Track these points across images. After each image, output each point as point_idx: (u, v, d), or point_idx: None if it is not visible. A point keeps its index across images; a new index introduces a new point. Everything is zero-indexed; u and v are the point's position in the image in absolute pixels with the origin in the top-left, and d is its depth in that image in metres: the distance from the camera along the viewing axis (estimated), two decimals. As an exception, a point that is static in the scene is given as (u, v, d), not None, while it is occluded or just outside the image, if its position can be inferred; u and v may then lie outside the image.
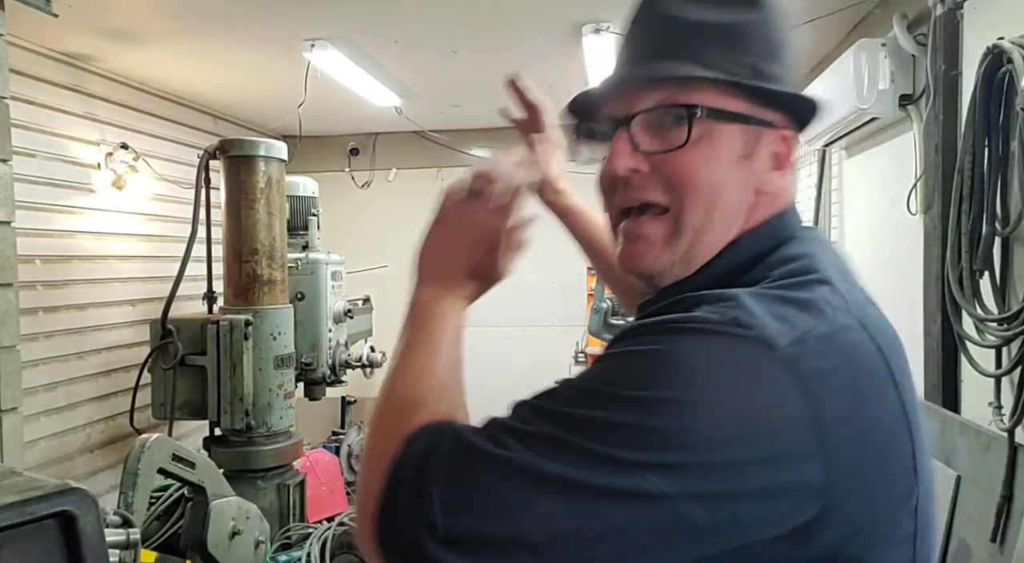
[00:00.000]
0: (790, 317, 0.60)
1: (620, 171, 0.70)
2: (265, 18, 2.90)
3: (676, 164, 0.69)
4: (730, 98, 0.70)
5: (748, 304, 0.60)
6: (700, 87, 0.69)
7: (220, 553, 1.79)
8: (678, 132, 0.68)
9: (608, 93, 0.74)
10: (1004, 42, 1.75)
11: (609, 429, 0.57)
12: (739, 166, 0.70)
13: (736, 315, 0.59)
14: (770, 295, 0.63)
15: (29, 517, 0.54)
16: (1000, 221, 1.83)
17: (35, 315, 3.02)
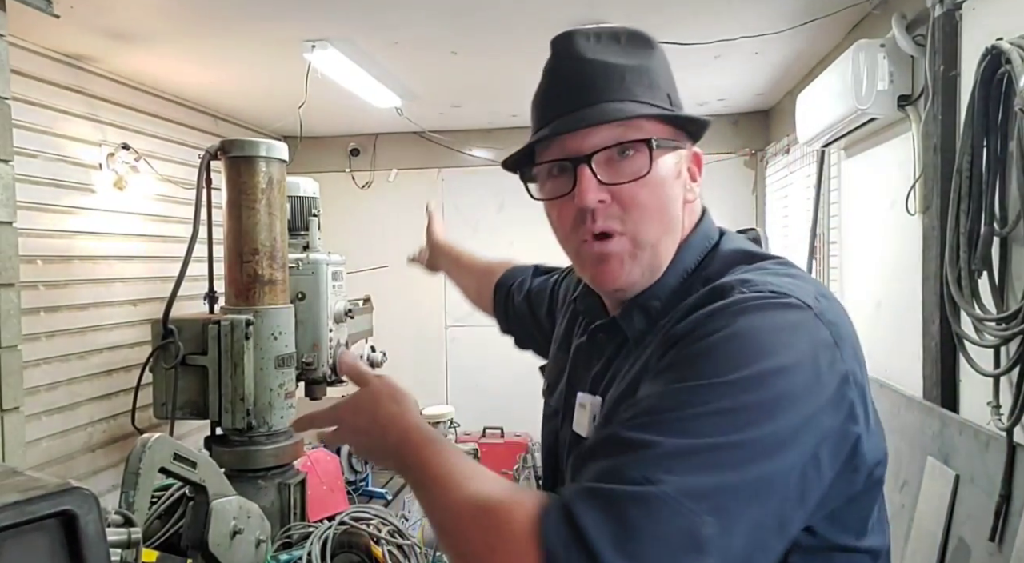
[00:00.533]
0: (797, 284, 0.74)
1: (590, 203, 0.79)
2: (266, 19, 2.90)
3: (634, 192, 0.80)
4: (663, 128, 0.82)
5: (767, 280, 0.74)
6: (643, 122, 0.81)
7: (221, 552, 1.80)
8: (631, 163, 0.80)
9: (554, 136, 0.82)
10: (1003, 43, 1.76)
11: (733, 415, 0.63)
12: (675, 184, 0.84)
13: (768, 288, 0.72)
14: (769, 271, 0.77)
15: (30, 516, 0.54)
16: (999, 221, 1.84)
17: (37, 315, 3.03)
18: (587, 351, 0.96)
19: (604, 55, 0.82)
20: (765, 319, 0.69)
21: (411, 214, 5.47)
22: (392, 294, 4.92)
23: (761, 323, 0.69)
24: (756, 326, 0.68)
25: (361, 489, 4.20)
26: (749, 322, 0.69)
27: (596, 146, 0.79)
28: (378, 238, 5.29)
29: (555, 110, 0.83)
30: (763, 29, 3.01)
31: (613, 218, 0.80)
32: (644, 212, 0.80)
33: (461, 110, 4.66)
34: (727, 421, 0.62)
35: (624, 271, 0.82)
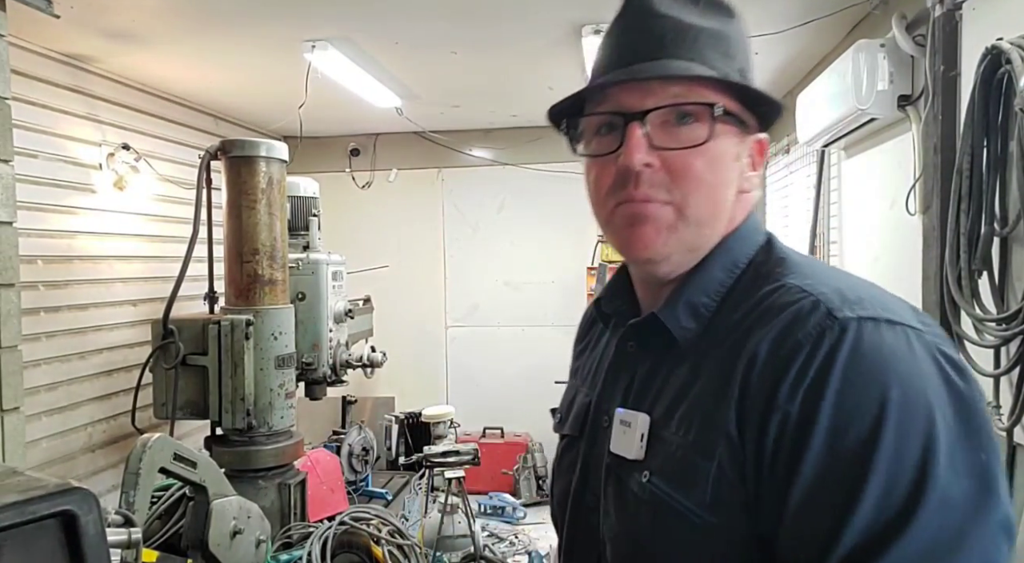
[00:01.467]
0: (893, 300, 0.69)
1: (636, 165, 0.72)
2: (266, 19, 2.90)
3: (687, 161, 0.72)
4: (731, 101, 0.74)
5: (871, 295, 0.68)
6: (706, 87, 0.72)
7: (221, 552, 1.80)
8: (689, 130, 0.72)
9: (616, 86, 0.75)
10: (1003, 43, 1.76)
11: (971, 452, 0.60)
12: (732, 166, 0.76)
13: (877, 308, 0.66)
14: (864, 285, 0.71)
15: (30, 516, 0.54)
16: (999, 221, 1.84)
17: (37, 315, 3.03)
18: (618, 363, 0.84)
19: (678, 13, 0.74)
20: (906, 356, 0.62)
21: (411, 214, 5.50)
22: (392, 294, 4.93)
23: (907, 362, 0.62)
24: (906, 371, 0.61)
25: (361, 489, 4.20)
26: (897, 363, 0.61)
27: (654, 104, 0.72)
28: (378, 238, 5.30)
29: (615, 62, 0.76)
30: (763, 29, 3.01)
31: (659, 186, 0.72)
32: (696, 185, 0.72)
33: (461, 110, 4.66)
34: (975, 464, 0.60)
35: (660, 240, 0.73)
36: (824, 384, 0.61)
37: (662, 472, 0.71)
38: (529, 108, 4.64)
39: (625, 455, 0.76)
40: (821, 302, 0.65)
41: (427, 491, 3.80)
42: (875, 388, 0.60)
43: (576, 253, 4.99)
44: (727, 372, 0.68)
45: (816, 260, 0.82)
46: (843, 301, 0.65)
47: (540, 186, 5.00)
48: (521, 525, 4.61)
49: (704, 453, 0.67)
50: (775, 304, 0.68)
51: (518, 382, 5.29)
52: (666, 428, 0.72)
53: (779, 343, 0.65)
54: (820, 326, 0.63)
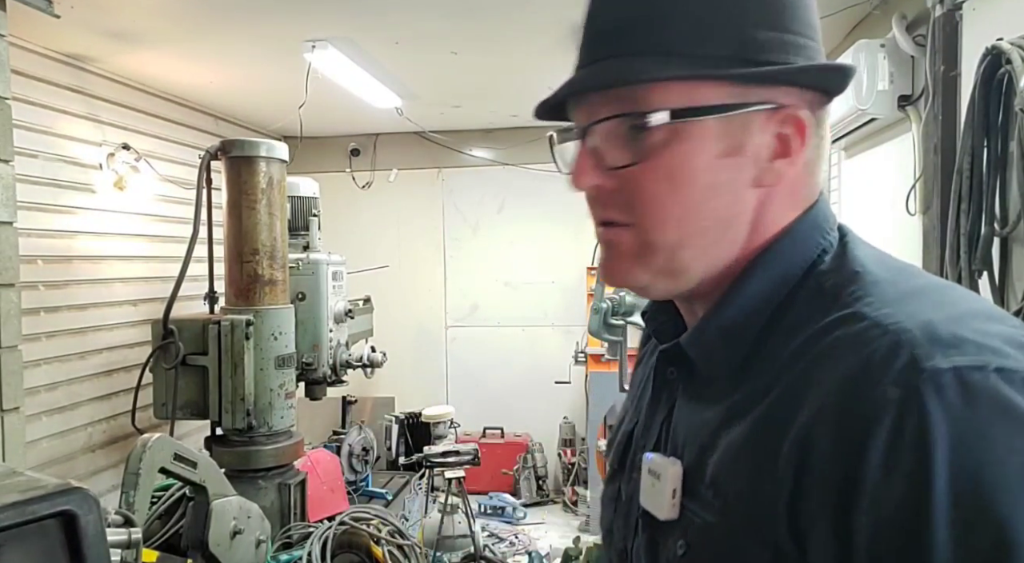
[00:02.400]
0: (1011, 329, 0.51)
1: (581, 187, 0.62)
2: (266, 19, 2.90)
3: (637, 180, 0.59)
4: (709, 90, 0.58)
5: (997, 332, 0.49)
6: (659, 90, 0.58)
7: (221, 552, 1.80)
8: (638, 143, 0.58)
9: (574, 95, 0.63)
10: (1003, 43, 1.75)
11: None
12: (721, 167, 0.58)
13: (990, 352, 0.48)
14: (969, 309, 0.53)
15: (30, 517, 0.54)
16: (999, 221, 1.84)
17: (37, 315, 3.03)
18: (657, 388, 0.70)
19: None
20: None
21: (411, 214, 5.50)
22: (392, 294, 4.93)
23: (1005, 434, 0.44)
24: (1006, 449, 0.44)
25: (361, 489, 4.20)
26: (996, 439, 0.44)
27: (593, 117, 0.60)
28: (378, 238, 5.30)
29: (580, 58, 0.65)
30: (763, 29, 3.01)
31: (614, 208, 0.61)
32: (651, 208, 0.59)
33: (461, 110, 4.66)
34: None
35: (625, 269, 0.62)
36: (926, 479, 0.44)
37: (699, 547, 0.58)
38: (529, 108, 4.51)
39: (656, 514, 0.62)
40: (902, 342, 0.48)
41: (427, 491, 3.80)
42: (1000, 483, 0.44)
43: (576, 253, 4.99)
44: (778, 414, 0.53)
45: (911, 270, 0.59)
46: (933, 340, 0.47)
47: (540, 186, 5.00)
48: (521, 525, 4.61)
49: (750, 532, 0.53)
50: (842, 343, 0.51)
51: (518, 382, 5.29)
52: (701, 483, 0.59)
53: (845, 403, 0.48)
54: (906, 385, 0.46)
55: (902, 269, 0.59)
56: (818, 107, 0.61)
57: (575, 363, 4.82)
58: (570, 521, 4.75)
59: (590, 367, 4.65)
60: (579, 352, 4.73)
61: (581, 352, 4.71)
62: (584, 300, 4.83)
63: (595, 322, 3.31)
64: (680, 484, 0.60)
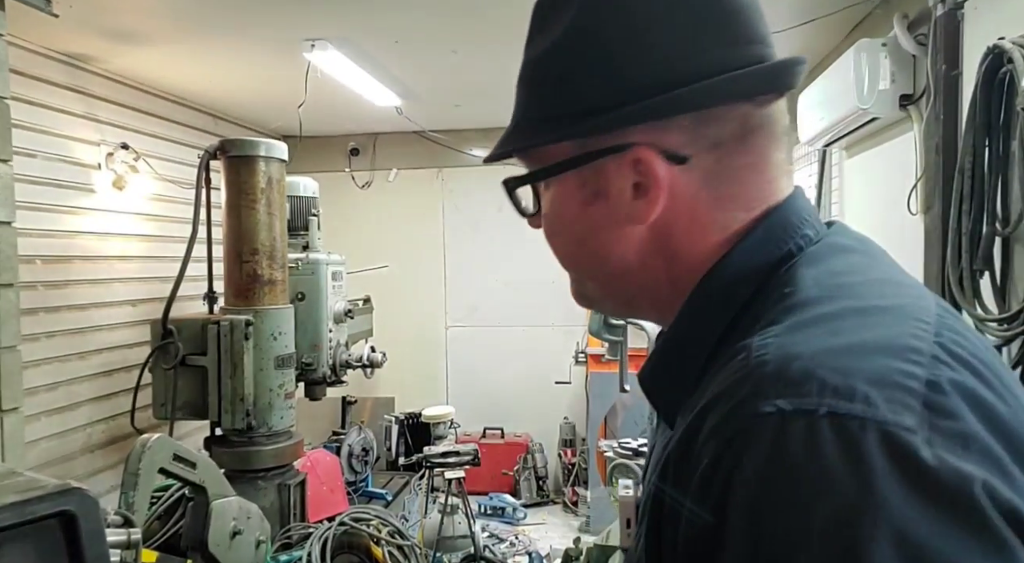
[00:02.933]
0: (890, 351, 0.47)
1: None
2: (265, 18, 2.90)
3: (542, 228, 0.68)
4: (557, 148, 0.62)
5: (823, 345, 0.47)
6: (525, 154, 0.66)
7: (221, 553, 1.79)
8: (534, 200, 0.68)
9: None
10: (1004, 42, 1.75)
11: None
12: (589, 212, 0.61)
13: (819, 379, 0.45)
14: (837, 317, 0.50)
15: (30, 517, 0.54)
16: (1000, 221, 1.83)
17: (36, 315, 3.02)
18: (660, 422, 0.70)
19: (527, 49, 0.67)
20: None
21: (411, 214, 5.50)
22: (392, 294, 4.92)
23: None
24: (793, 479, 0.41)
25: (361, 490, 4.20)
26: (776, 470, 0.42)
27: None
28: (378, 238, 5.29)
29: None
30: (764, 29, 3.00)
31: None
32: (558, 256, 0.68)
33: (461, 110, 4.66)
34: None
35: (577, 292, 0.69)
36: (724, 507, 0.44)
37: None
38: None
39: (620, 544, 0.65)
40: (751, 378, 0.46)
41: (427, 491, 3.79)
42: (775, 527, 0.41)
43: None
44: (667, 463, 0.53)
45: (853, 291, 0.52)
46: (778, 378, 0.44)
47: (540, 186, 4.99)
48: (521, 526, 4.61)
49: (644, 554, 0.55)
50: (721, 371, 0.50)
51: (518, 382, 5.29)
52: (643, 512, 0.59)
53: (692, 431, 0.49)
54: (732, 420, 0.45)
55: (842, 288, 0.52)
56: (701, 123, 0.57)
57: (575, 363, 4.81)
58: (570, 521, 4.75)
59: (590, 367, 4.64)
60: (579, 352, 4.73)
61: (581, 352, 4.71)
62: (584, 300, 4.82)
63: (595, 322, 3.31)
64: (633, 514, 0.61)
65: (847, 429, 0.41)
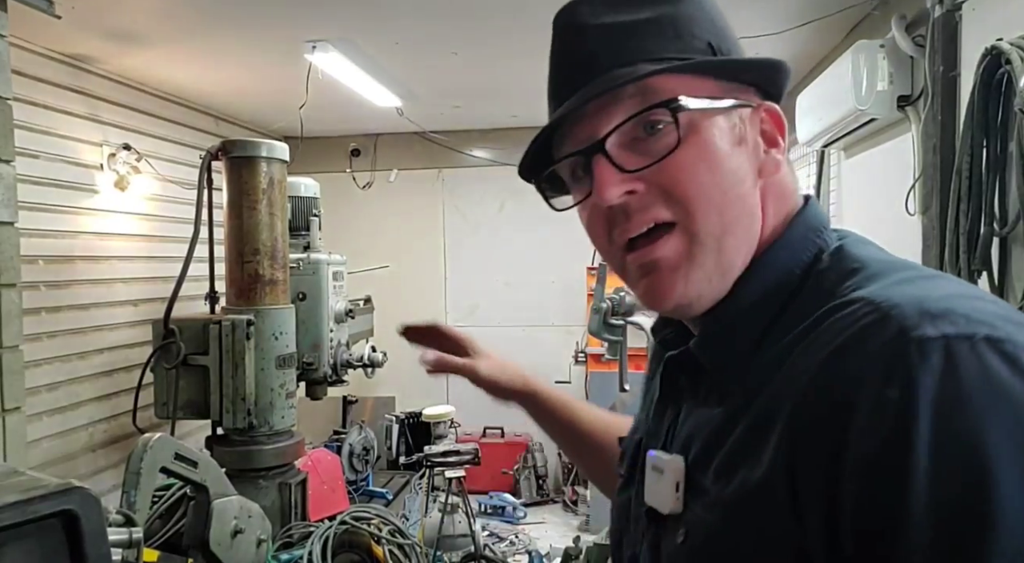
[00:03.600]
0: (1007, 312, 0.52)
1: (613, 200, 0.61)
2: (267, 20, 2.91)
3: (671, 172, 0.60)
4: (702, 83, 0.61)
5: (986, 309, 0.50)
6: (665, 81, 0.60)
7: (222, 552, 1.80)
8: (660, 139, 0.60)
9: (564, 125, 0.64)
10: (1002, 43, 1.76)
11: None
12: (736, 153, 0.62)
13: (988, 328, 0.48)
14: (961, 290, 0.54)
15: (31, 516, 0.54)
16: (998, 221, 1.84)
17: (38, 315, 3.03)
18: (664, 395, 0.71)
19: (611, 16, 0.63)
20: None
21: (411, 214, 5.50)
22: (393, 294, 4.93)
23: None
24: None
25: (362, 489, 4.20)
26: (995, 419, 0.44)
27: (606, 129, 0.61)
28: (379, 238, 5.30)
29: (562, 94, 0.65)
30: (762, 29, 3.01)
31: (655, 207, 0.61)
32: (695, 193, 0.60)
33: (461, 110, 4.67)
34: None
35: (681, 280, 0.61)
36: (908, 436, 0.45)
37: (699, 535, 0.59)
38: (529, 108, 4.63)
39: (659, 508, 0.63)
40: (892, 316, 0.48)
41: (427, 491, 3.80)
42: (979, 439, 0.44)
43: (576, 253, 4.98)
44: (771, 416, 0.53)
45: (912, 264, 0.59)
46: (922, 313, 0.47)
47: (540, 186, 4.99)
48: (521, 525, 4.61)
49: (746, 515, 0.54)
50: (835, 324, 0.51)
51: (518, 382, 5.28)
52: (704, 476, 0.60)
53: (836, 372, 0.49)
54: (895, 351, 0.46)
55: (905, 264, 0.58)
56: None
57: (575, 363, 4.82)
58: (570, 521, 4.75)
59: (590, 367, 4.65)
60: (579, 352, 4.73)
61: (581, 352, 4.71)
62: (584, 300, 4.83)
63: (595, 322, 3.32)
64: (683, 478, 0.61)
65: (1005, 350, 0.46)
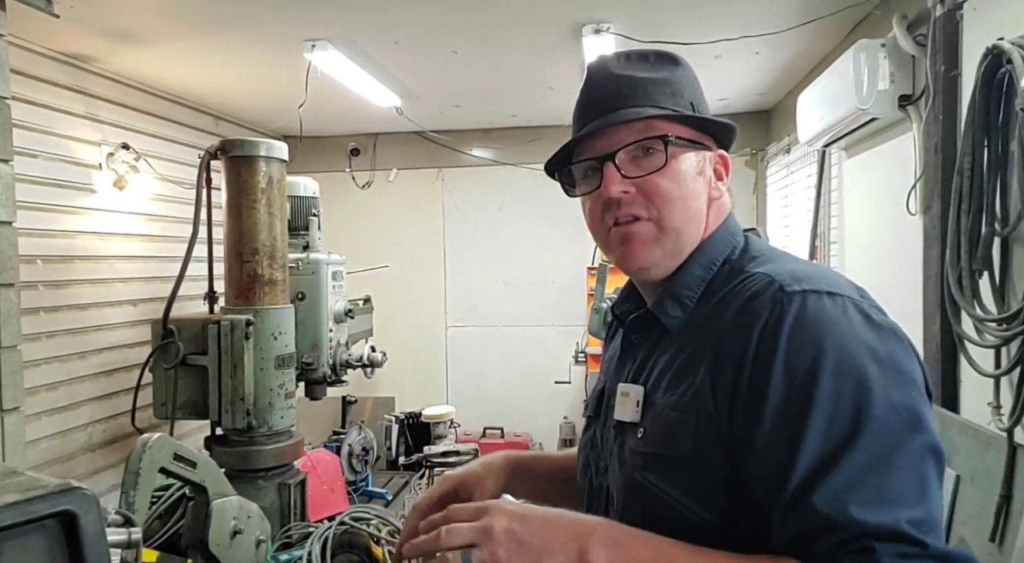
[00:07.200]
0: (833, 275, 0.87)
1: (614, 194, 0.90)
2: (266, 19, 2.90)
3: (655, 183, 0.90)
4: (683, 129, 0.92)
5: (832, 278, 0.83)
6: (660, 123, 0.91)
7: (221, 552, 1.79)
8: (651, 159, 0.90)
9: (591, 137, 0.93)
10: (1004, 43, 1.75)
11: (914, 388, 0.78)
12: (698, 180, 0.93)
13: (817, 282, 0.82)
14: (819, 269, 0.88)
15: (30, 516, 0.54)
16: (999, 221, 1.83)
17: (37, 315, 3.02)
18: (624, 352, 1.01)
19: (631, 70, 0.94)
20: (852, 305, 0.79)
21: (411, 214, 5.50)
22: (392, 294, 4.92)
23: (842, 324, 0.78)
24: (845, 333, 0.77)
25: (361, 489, 4.20)
26: (836, 330, 0.77)
27: (619, 144, 0.90)
28: (378, 238, 5.29)
29: (587, 118, 0.95)
30: (764, 29, 3.01)
31: (638, 206, 0.90)
32: (666, 200, 0.90)
33: (461, 110, 4.66)
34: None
35: (646, 250, 0.91)
36: (776, 342, 0.76)
37: (652, 429, 0.88)
38: (529, 108, 4.63)
39: (624, 419, 0.93)
40: (775, 280, 0.81)
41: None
42: (814, 344, 0.75)
43: (576, 253, 4.98)
44: (703, 343, 0.84)
45: (786, 253, 0.95)
46: (793, 279, 0.81)
47: (540, 186, 4.98)
48: (521, 525, 4.60)
49: (684, 411, 0.83)
50: (743, 288, 0.84)
51: (518, 382, 5.29)
52: (656, 394, 0.90)
53: (741, 313, 0.81)
54: (774, 298, 0.79)
55: (783, 253, 0.94)
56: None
57: (575, 363, 4.81)
58: (570, 521, 4.74)
59: (590, 367, 4.64)
60: (579, 352, 4.73)
61: (581, 352, 4.71)
62: (584, 300, 4.83)
63: (595, 322, 3.32)
64: (642, 397, 0.92)
65: (841, 300, 0.79)
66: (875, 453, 0.71)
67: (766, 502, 0.76)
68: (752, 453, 0.77)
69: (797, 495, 0.72)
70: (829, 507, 0.70)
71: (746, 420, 0.77)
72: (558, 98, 4.20)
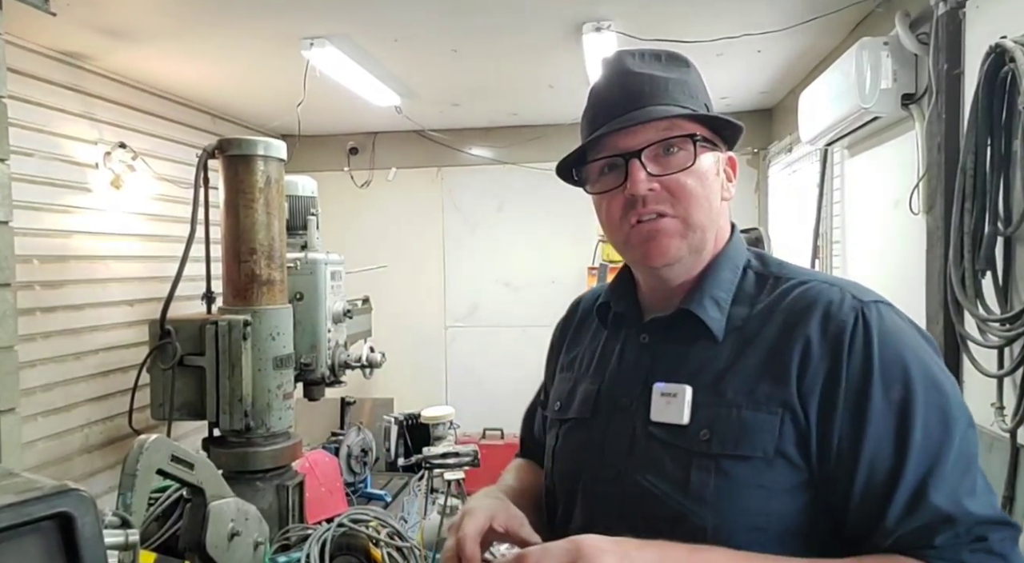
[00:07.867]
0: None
1: (641, 191, 0.90)
2: (264, 16, 2.89)
3: (682, 182, 0.91)
4: (703, 129, 0.93)
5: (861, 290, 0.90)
6: (684, 122, 0.92)
7: (219, 554, 1.78)
8: (677, 158, 0.91)
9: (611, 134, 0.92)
10: (1006, 41, 1.75)
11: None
12: (715, 180, 0.95)
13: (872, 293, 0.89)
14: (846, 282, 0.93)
15: (27, 518, 0.54)
16: (1003, 221, 1.83)
17: (33, 315, 3.01)
18: (629, 351, 1.00)
19: (649, 69, 0.94)
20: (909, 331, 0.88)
21: (411, 214, 5.48)
22: (391, 294, 4.91)
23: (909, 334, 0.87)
24: (916, 345, 0.85)
25: (360, 491, 4.18)
26: (909, 339, 0.85)
27: (645, 142, 0.90)
28: (377, 238, 5.28)
29: (607, 115, 0.93)
30: (766, 27, 3.00)
31: (663, 203, 0.91)
32: (692, 198, 0.91)
33: (461, 109, 4.65)
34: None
35: (674, 246, 0.91)
36: (869, 355, 0.82)
37: (720, 430, 0.86)
38: (529, 107, 4.63)
39: (667, 420, 0.90)
40: (844, 289, 0.87)
41: (426, 493, 3.78)
42: (900, 357, 0.82)
43: (576, 253, 4.98)
44: (782, 353, 0.86)
45: (790, 262, 1.01)
46: (857, 290, 0.88)
47: (540, 186, 4.99)
48: (520, 526, 4.58)
49: (768, 413, 0.85)
50: (809, 298, 0.88)
51: (518, 383, 5.24)
52: (714, 396, 0.88)
53: (826, 325, 0.85)
54: (854, 308, 0.85)
55: (787, 262, 0.99)
56: None
57: (575, 363, 4.79)
58: (569, 522, 4.73)
59: (589, 367, 4.62)
60: (579, 352, 4.70)
61: (580, 352, 4.68)
62: (583, 300, 4.81)
63: (595, 322, 3.28)
64: (691, 398, 0.89)
65: (893, 310, 0.88)
66: (964, 450, 0.79)
67: (860, 506, 0.81)
68: (851, 460, 0.81)
69: (914, 496, 0.78)
70: (948, 503, 0.76)
71: (846, 429, 0.81)
72: (558, 97, 4.20)
